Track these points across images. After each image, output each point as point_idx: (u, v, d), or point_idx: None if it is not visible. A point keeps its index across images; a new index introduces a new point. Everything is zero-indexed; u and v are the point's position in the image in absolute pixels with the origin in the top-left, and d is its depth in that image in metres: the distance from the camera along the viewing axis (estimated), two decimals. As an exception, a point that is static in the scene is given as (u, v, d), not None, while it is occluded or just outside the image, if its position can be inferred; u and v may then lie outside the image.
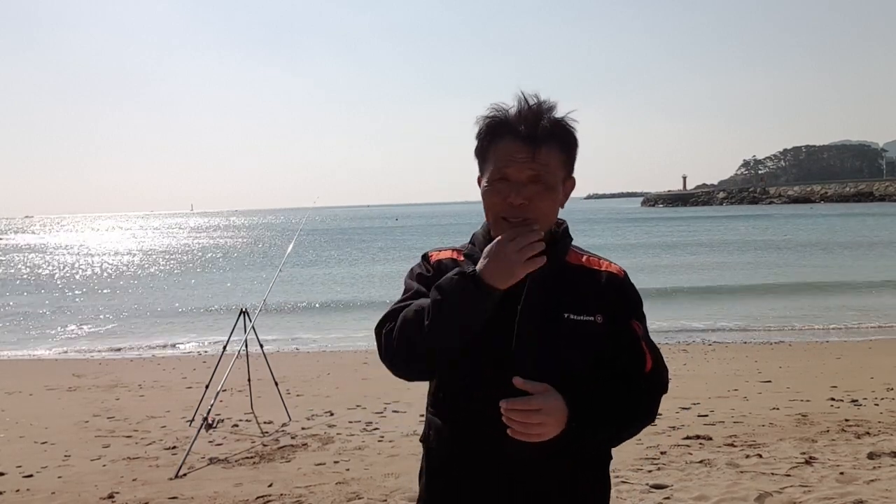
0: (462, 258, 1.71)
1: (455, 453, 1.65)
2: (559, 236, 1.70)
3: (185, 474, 5.36)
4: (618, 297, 1.66)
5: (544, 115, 1.60)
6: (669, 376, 1.72)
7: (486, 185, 1.64)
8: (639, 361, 1.64)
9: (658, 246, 39.55)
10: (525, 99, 1.62)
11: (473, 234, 1.77)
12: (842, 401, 7.26)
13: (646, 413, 1.65)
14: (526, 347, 1.57)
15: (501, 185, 1.60)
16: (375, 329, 1.68)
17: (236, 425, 6.84)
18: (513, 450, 1.55)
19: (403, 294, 1.72)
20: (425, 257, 1.77)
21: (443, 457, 1.68)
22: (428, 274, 1.70)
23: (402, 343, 1.58)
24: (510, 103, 1.63)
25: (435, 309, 1.52)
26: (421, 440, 1.76)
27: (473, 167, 1.73)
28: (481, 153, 1.67)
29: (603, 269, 1.69)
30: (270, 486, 5.06)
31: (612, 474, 1.74)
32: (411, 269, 1.77)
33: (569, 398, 1.51)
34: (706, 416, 6.71)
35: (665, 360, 1.72)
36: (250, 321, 6.78)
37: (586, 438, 1.56)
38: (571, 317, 1.61)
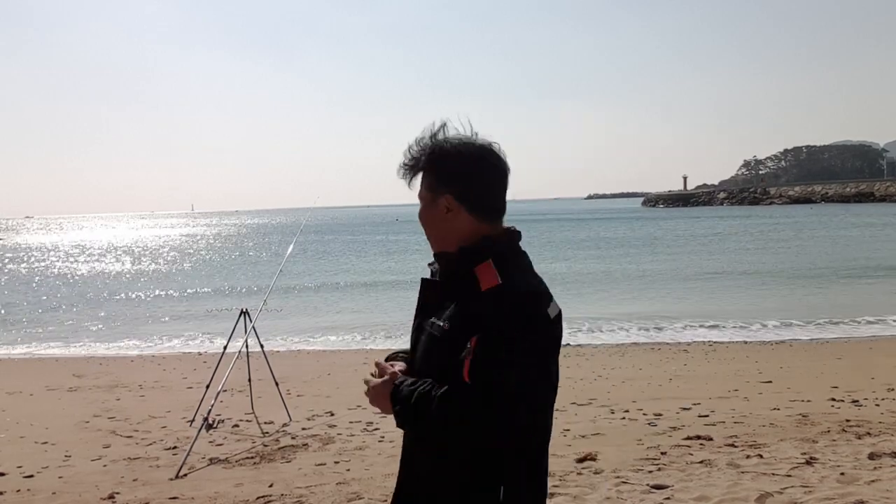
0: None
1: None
2: (468, 251, 1.69)
3: (185, 474, 5.36)
4: (476, 309, 1.61)
5: (413, 147, 1.75)
6: (520, 422, 1.57)
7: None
8: (458, 372, 1.58)
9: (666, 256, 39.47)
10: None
11: None
12: (842, 401, 7.25)
13: (446, 421, 1.58)
14: (413, 349, 1.79)
15: None
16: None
17: (237, 425, 6.84)
18: (409, 445, 1.78)
19: None
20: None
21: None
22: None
23: None
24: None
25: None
26: None
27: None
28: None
29: (488, 282, 1.64)
30: (271, 486, 5.06)
31: (612, 474, 1.74)
32: None
33: (393, 390, 1.68)
34: (707, 416, 6.71)
35: (526, 405, 1.55)
36: (251, 321, 6.78)
37: (404, 426, 1.69)
38: (433, 321, 1.71)
